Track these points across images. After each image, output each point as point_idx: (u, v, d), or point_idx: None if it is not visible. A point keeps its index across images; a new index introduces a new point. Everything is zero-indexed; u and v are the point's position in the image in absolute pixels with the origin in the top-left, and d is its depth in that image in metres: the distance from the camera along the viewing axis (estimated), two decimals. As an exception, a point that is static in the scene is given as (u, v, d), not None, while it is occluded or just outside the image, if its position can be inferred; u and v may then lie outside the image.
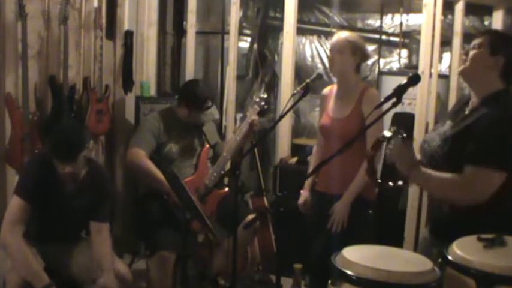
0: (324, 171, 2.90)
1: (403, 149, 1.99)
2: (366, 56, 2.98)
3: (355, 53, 2.88)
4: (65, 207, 2.77)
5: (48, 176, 2.69)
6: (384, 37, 5.55)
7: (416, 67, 4.24)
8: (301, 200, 3.11)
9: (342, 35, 2.92)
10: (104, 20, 3.93)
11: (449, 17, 4.67)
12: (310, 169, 3.23)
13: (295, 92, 3.01)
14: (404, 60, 5.51)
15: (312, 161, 3.21)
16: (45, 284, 2.55)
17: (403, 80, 1.96)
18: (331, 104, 3.01)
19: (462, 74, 2.15)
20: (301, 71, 5.71)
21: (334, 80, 3.08)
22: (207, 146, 3.49)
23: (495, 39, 2.09)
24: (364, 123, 2.77)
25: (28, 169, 2.87)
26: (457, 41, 3.99)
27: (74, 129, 2.83)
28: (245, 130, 3.35)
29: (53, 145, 2.71)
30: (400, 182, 2.05)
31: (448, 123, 2.14)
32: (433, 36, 3.84)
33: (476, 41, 2.11)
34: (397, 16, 5.54)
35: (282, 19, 4.42)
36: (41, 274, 2.58)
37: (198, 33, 4.54)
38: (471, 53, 2.10)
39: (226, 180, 3.81)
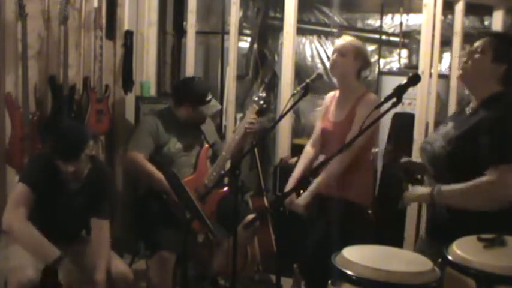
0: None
1: (413, 193, 2.18)
2: (367, 63, 2.99)
3: (357, 57, 2.90)
4: (67, 205, 2.78)
5: (53, 173, 2.72)
6: (384, 37, 5.55)
7: (416, 67, 4.24)
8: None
9: (346, 38, 2.96)
10: (104, 20, 3.93)
11: (449, 17, 4.67)
12: (297, 171, 3.11)
13: (295, 92, 3.01)
14: (404, 60, 5.51)
15: (300, 164, 3.12)
16: (56, 256, 2.56)
17: (403, 80, 1.96)
18: (332, 108, 3.02)
19: (461, 78, 2.15)
20: (301, 71, 5.71)
21: (334, 80, 3.09)
22: (206, 145, 3.48)
23: (499, 45, 2.06)
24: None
25: (34, 161, 2.92)
26: (457, 41, 3.99)
27: (74, 129, 2.85)
28: (244, 130, 3.34)
29: (55, 146, 2.74)
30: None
31: (450, 124, 2.14)
32: (433, 36, 3.85)
33: (478, 44, 2.09)
34: (397, 16, 5.53)
35: (282, 19, 4.42)
36: (50, 247, 2.59)
37: (198, 33, 4.54)
38: (472, 57, 2.08)
39: (226, 180, 3.81)
